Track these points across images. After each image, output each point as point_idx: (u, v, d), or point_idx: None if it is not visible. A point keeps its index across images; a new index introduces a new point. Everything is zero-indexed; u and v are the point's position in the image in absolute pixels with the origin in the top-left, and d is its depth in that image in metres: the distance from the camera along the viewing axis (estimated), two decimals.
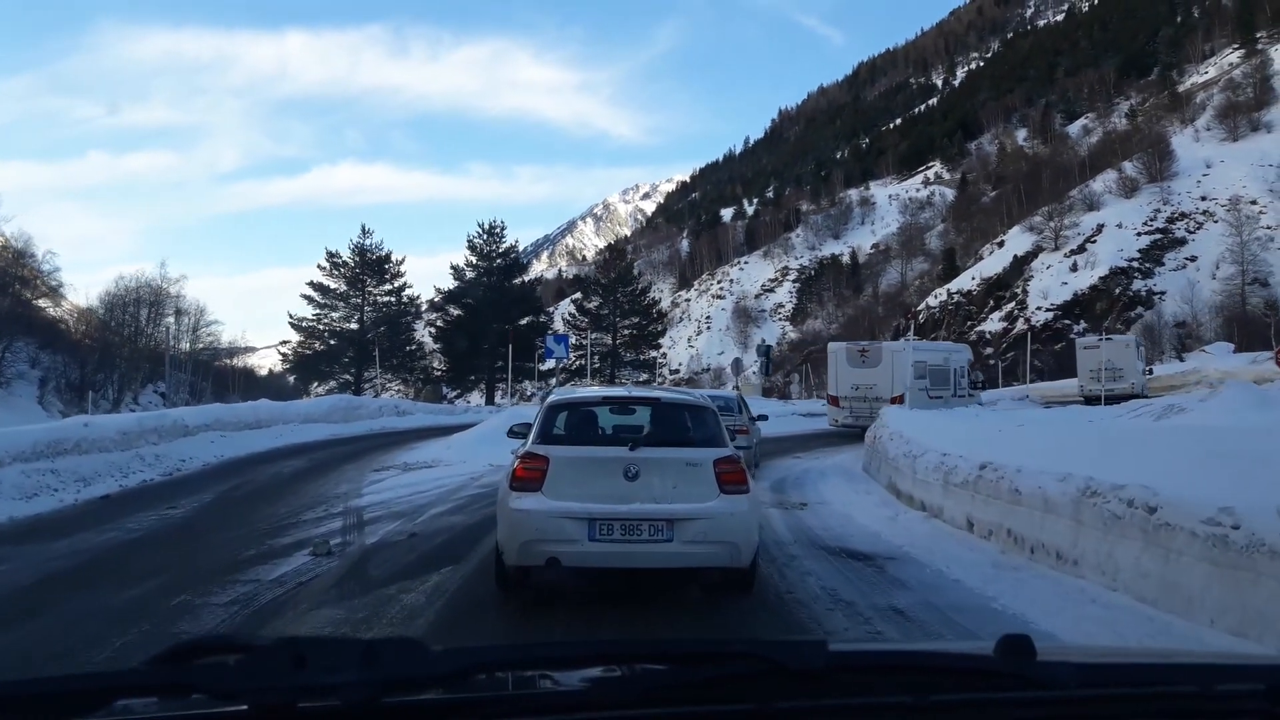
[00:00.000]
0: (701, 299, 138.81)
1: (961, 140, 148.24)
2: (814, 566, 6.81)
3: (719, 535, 5.27)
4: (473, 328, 39.90)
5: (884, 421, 12.41)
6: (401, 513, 9.25)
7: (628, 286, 45.48)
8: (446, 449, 14.46)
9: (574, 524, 5.20)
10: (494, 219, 43.93)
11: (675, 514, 5.21)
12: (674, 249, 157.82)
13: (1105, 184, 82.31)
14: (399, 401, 27.15)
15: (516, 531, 5.30)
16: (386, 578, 6.16)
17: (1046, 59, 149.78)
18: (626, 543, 5.18)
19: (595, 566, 5.37)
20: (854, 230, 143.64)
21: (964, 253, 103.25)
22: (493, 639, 4.75)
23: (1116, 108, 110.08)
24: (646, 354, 45.83)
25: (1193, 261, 74.89)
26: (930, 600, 5.72)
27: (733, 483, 5.39)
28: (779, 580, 6.30)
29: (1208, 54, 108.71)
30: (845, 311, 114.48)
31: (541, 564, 5.27)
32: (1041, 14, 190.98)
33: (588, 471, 5.36)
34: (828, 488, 11.66)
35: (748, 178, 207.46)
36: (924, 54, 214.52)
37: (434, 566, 6.52)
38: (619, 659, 1.20)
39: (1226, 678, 1.24)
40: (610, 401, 6.56)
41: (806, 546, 7.67)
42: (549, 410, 5.98)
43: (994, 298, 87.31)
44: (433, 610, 5.38)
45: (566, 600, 5.62)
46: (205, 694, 1.00)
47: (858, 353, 22.48)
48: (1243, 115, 79.76)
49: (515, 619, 5.39)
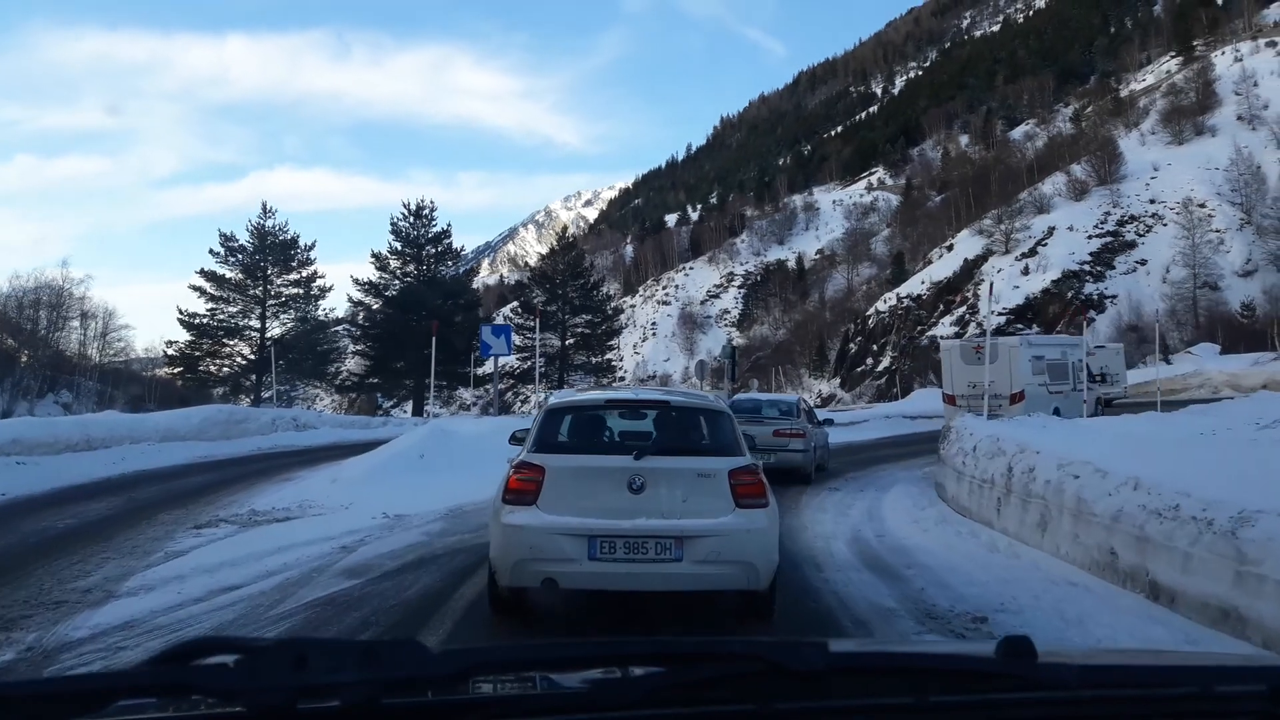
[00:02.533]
0: (647, 305, 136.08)
1: (904, 146, 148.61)
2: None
3: (734, 554, 4.74)
4: (397, 325, 34.13)
5: (966, 433, 8.82)
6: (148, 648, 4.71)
7: (578, 280, 40.44)
8: (330, 484, 10.32)
9: (572, 541, 4.73)
10: (422, 198, 38.33)
11: (685, 530, 4.70)
12: (618, 254, 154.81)
13: (1055, 186, 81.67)
14: (299, 413, 22.62)
15: (509, 550, 4.81)
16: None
17: (985, 67, 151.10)
18: (631, 562, 4.67)
19: (594, 588, 4.84)
20: (799, 236, 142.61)
21: (911, 257, 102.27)
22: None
23: (1058, 114, 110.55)
24: (600, 356, 40.40)
25: (1143, 265, 74.34)
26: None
27: (750, 495, 4.87)
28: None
29: (1144, 62, 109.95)
30: (793, 317, 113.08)
31: (537, 585, 4.80)
32: (977, 25, 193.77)
33: (588, 483, 4.89)
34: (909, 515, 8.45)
35: (691, 184, 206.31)
36: (863, 64, 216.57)
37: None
38: (619, 659, 1.18)
39: (1227, 679, 1.24)
40: (615, 405, 5.88)
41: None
42: (547, 415, 5.46)
43: (944, 302, 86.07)
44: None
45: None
46: (205, 694, 0.99)
47: (973, 350, 21.29)
48: (1187, 119, 79.79)
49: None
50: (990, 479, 7.03)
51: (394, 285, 37.25)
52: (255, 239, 36.21)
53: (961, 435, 8.94)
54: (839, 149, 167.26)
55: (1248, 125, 76.07)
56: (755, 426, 12.18)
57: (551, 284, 39.59)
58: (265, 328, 36.26)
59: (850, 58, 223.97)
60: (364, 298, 37.16)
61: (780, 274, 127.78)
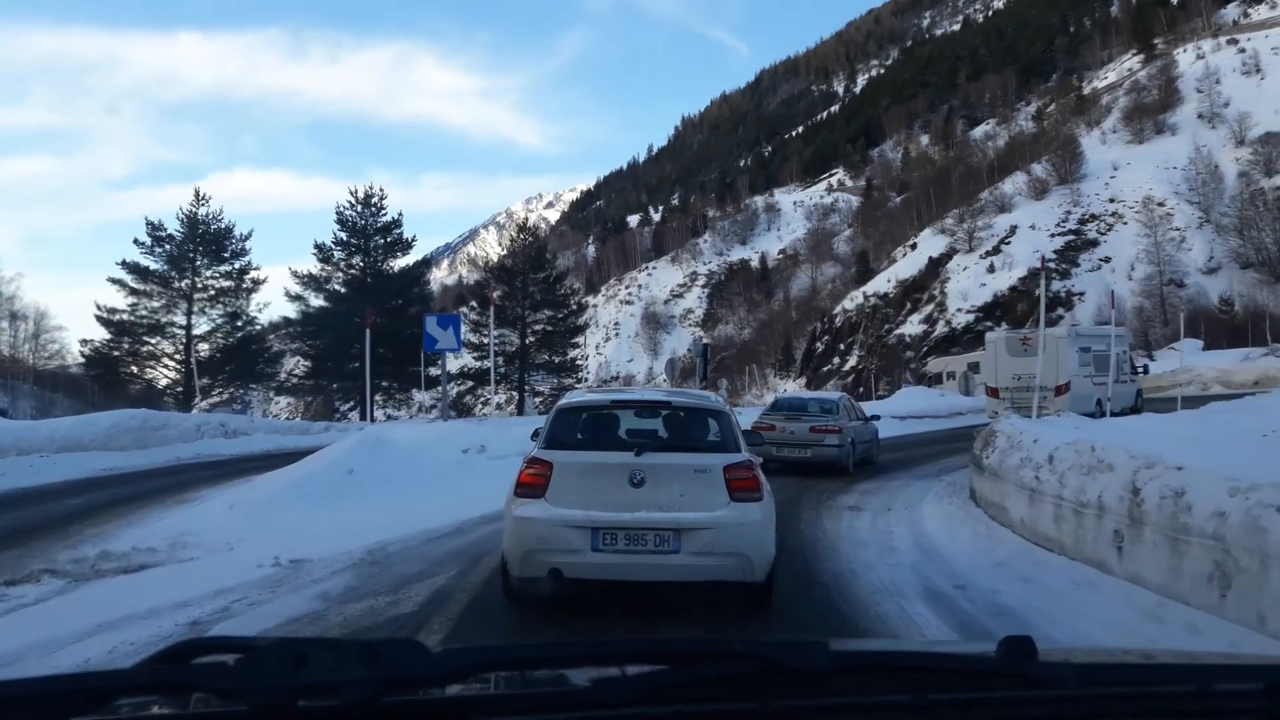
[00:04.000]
0: (609, 305, 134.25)
1: (864, 147, 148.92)
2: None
3: (729, 546, 4.92)
4: (341, 322, 31.19)
5: (1027, 439, 7.00)
6: None
7: (539, 273, 37.42)
8: (227, 510, 8.11)
9: (577, 533, 4.93)
10: (370, 185, 34.92)
11: (682, 523, 4.90)
12: (580, 255, 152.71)
13: (1015, 186, 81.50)
14: (229, 418, 20.19)
15: (519, 541, 5.04)
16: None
17: (946, 65, 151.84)
18: (631, 553, 4.88)
19: (597, 578, 4.99)
20: (761, 236, 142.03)
21: (874, 256, 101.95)
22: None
23: (1019, 112, 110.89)
24: (563, 354, 37.40)
25: (1107, 262, 74.32)
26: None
27: (744, 490, 5.04)
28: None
29: (1105, 60, 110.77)
30: (757, 316, 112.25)
31: (544, 575, 4.95)
32: (938, 24, 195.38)
33: (592, 478, 5.09)
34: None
35: (652, 185, 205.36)
36: (825, 62, 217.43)
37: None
38: (619, 659, 1.17)
39: (1225, 677, 1.24)
40: (619, 405, 6.02)
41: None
42: (557, 413, 5.69)
43: (911, 300, 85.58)
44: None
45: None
46: (205, 694, 0.99)
47: (1019, 341, 21.25)
48: (1148, 118, 79.99)
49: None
50: (1094, 503, 5.24)
51: (338, 278, 34.44)
52: (185, 228, 32.75)
53: (1018, 441, 7.15)
54: (800, 150, 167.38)
55: (1208, 124, 76.43)
56: (794, 423, 13.05)
57: (510, 277, 36.75)
58: (191, 324, 32.92)
59: (812, 56, 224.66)
60: (303, 292, 34.13)
61: (744, 274, 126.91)
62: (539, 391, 40.36)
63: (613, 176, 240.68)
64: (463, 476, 10.16)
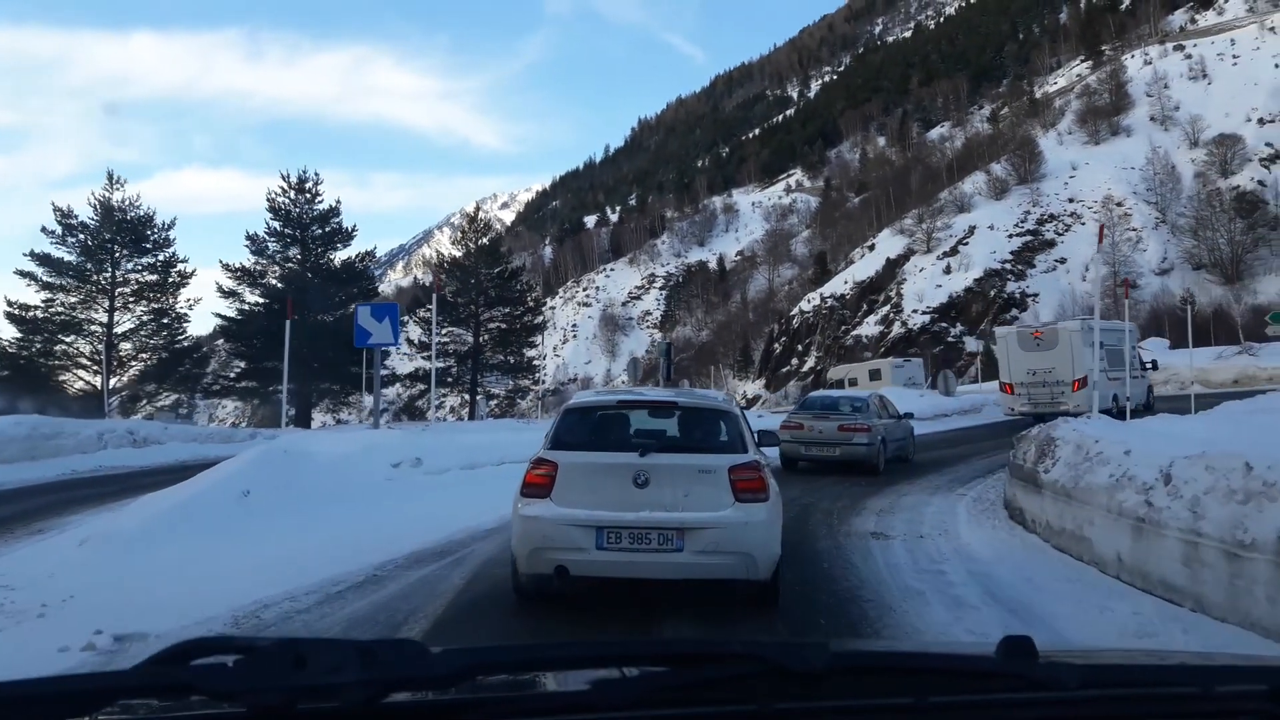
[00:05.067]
0: (567, 307, 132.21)
1: (822, 148, 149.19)
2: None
3: (732, 545, 4.93)
4: (276, 318, 28.66)
5: (1117, 448, 5.38)
6: None
7: (494, 268, 34.65)
8: (74, 549, 6.03)
9: (581, 532, 4.96)
10: (304, 169, 32.17)
11: (685, 523, 4.93)
12: (537, 256, 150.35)
13: (975, 185, 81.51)
14: (138, 425, 17.99)
15: (526, 539, 5.14)
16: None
17: (899, 71, 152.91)
18: (635, 552, 4.93)
19: (602, 576, 5.09)
20: (719, 237, 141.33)
21: (832, 257, 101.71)
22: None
23: (973, 115, 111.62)
24: (520, 354, 34.64)
25: (1063, 264, 74.56)
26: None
27: (749, 490, 5.04)
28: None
29: (1055, 66, 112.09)
30: (715, 318, 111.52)
31: (550, 572, 5.07)
32: (890, 31, 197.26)
33: (596, 478, 5.11)
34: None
35: (609, 186, 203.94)
36: (779, 68, 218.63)
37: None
38: (619, 660, 1.18)
39: (1227, 679, 1.24)
40: (625, 405, 5.93)
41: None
42: (563, 414, 5.75)
43: (868, 301, 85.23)
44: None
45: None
46: (205, 694, 0.99)
47: (1031, 336, 20.86)
48: (1102, 119, 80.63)
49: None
50: (1270, 546, 3.69)
51: (274, 272, 31.58)
52: (99, 216, 29.50)
53: (1097, 452, 5.60)
54: (757, 151, 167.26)
55: (1160, 126, 77.24)
56: (822, 422, 13.04)
57: (463, 272, 34.18)
58: (113, 322, 29.79)
59: (766, 62, 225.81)
60: (237, 287, 31.04)
61: (702, 275, 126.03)
62: (494, 394, 38.27)
63: (569, 177, 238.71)
64: (391, 497, 8.36)
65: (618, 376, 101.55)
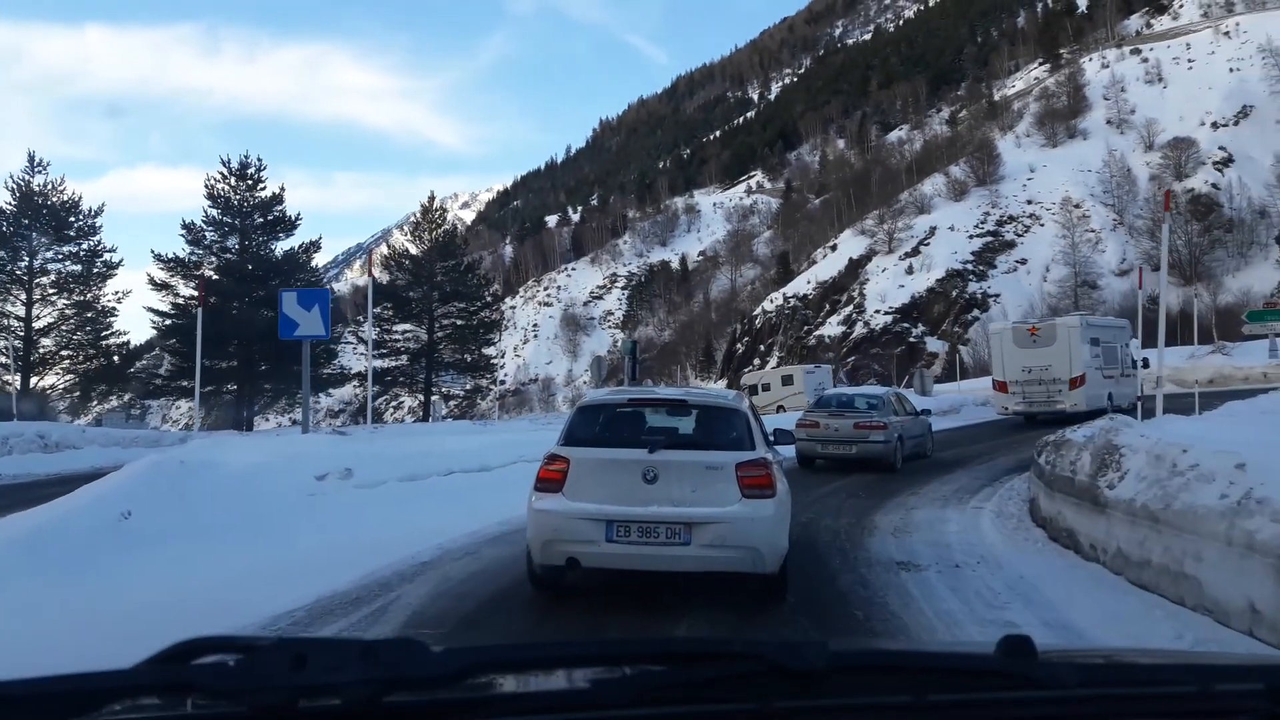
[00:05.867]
0: (528, 306, 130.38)
1: (782, 150, 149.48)
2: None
3: (738, 540, 5.07)
4: (216, 315, 26.42)
5: (1187, 454, 4.20)
6: None
7: (449, 260, 32.63)
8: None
9: (592, 525, 5.13)
10: (246, 153, 31.56)
11: (693, 517, 5.06)
12: (497, 255, 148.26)
13: (935, 187, 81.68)
14: (50, 428, 16.25)
15: (539, 531, 5.30)
16: None
17: (859, 73, 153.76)
18: (643, 545, 5.08)
19: (612, 568, 5.26)
20: (681, 237, 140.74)
21: (794, 258, 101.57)
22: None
23: (931, 118, 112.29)
24: (477, 352, 32.54)
25: (1023, 264, 74.90)
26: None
27: (755, 487, 5.17)
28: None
29: (1013, 69, 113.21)
30: (678, 318, 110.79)
31: (562, 564, 5.24)
32: (849, 34, 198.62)
33: (607, 473, 5.28)
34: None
35: (571, 186, 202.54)
36: (740, 69, 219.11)
37: None
38: (619, 659, 1.19)
39: (1225, 678, 1.25)
40: (636, 403, 6.14)
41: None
42: (577, 412, 5.97)
43: (830, 301, 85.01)
44: None
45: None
46: (205, 694, 0.99)
47: (1027, 332, 20.12)
48: (1060, 122, 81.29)
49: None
50: None
51: (211, 263, 29.37)
52: (17, 201, 27.09)
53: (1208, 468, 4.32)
54: (718, 152, 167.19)
55: (1117, 129, 78.04)
56: (838, 420, 13.00)
57: (416, 264, 32.09)
58: (31, 316, 27.49)
59: (727, 63, 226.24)
60: (170, 279, 28.68)
61: (664, 275, 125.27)
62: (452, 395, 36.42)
63: (530, 177, 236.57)
64: (310, 519, 6.95)
65: (580, 376, 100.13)
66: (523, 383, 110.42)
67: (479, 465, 9.24)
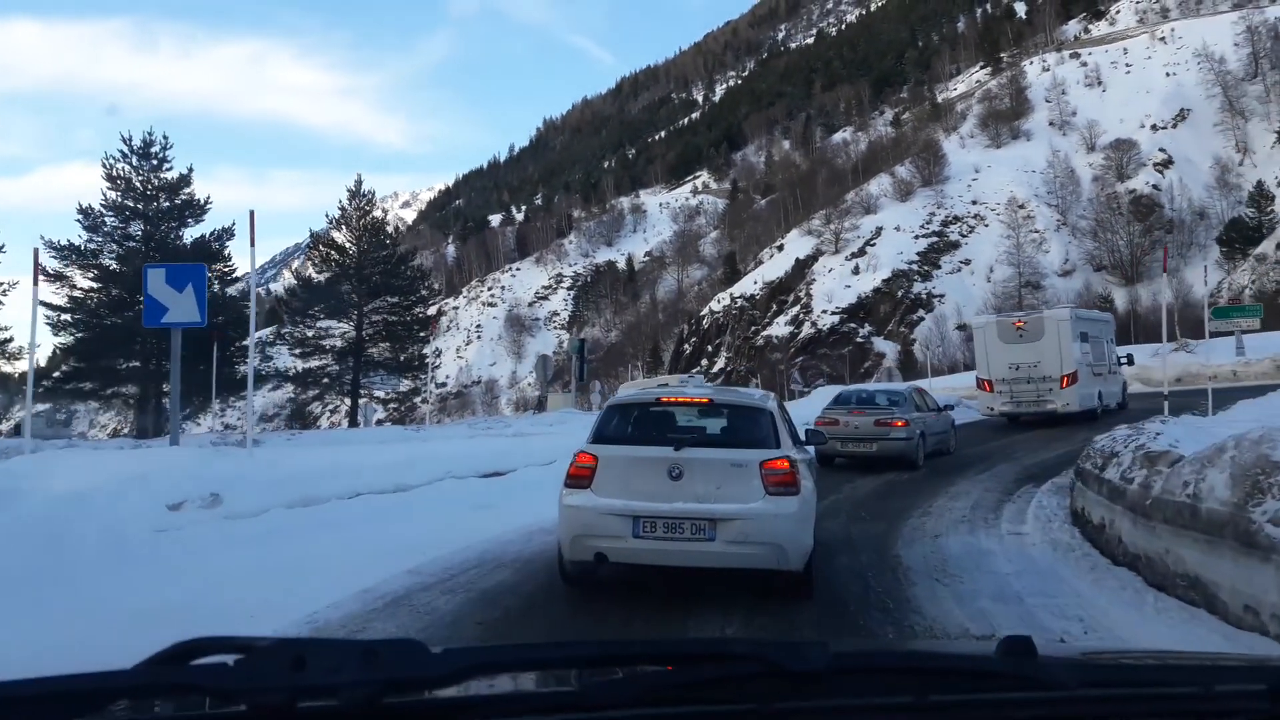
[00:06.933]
0: (471, 307, 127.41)
1: (727, 151, 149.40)
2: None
3: (762, 536, 5.14)
4: (112, 308, 24.00)
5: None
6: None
7: (380, 251, 29.86)
8: None
9: (619, 521, 5.23)
10: (149, 130, 27.23)
11: (717, 514, 5.15)
12: (439, 254, 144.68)
13: (880, 187, 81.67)
14: None
15: (568, 527, 5.41)
16: None
17: (802, 76, 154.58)
18: (669, 540, 5.18)
19: (639, 563, 5.34)
20: (627, 237, 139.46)
21: (741, 258, 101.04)
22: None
23: (875, 120, 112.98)
24: (410, 350, 29.85)
25: (968, 265, 75.21)
26: None
27: (780, 484, 5.25)
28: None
29: (954, 72, 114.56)
30: (625, 318, 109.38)
31: (590, 559, 5.33)
32: (792, 37, 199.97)
33: (633, 470, 5.38)
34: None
35: (515, 185, 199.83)
36: (684, 71, 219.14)
37: None
38: (620, 660, 1.19)
39: (1227, 678, 1.25)
40: (664, 402, 6.12)
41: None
42: (605, 410, 6.15)
43: (778, 301, 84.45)
44: None
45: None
46: (205, 694, 1.00)
47: (1012, 326, 18.73)
48: (1004, 123, 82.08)
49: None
50: None
51: (111, 251, 26.25)
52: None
53: None
54: (663, 153, 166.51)
55: (1059, 131, 79.01)
56: (858, 417, 12.82)
57: (342, 254, 29.39)
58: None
59: (672, 65, 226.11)
60: (65, 269, 25.31)
61: (610, 275, 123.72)
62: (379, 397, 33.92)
63: (473, 175, 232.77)
64: (150, 565, 5.05)
65: (525, 378, 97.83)
66: (465, 385, 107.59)
67: (394, 484, 7.41)
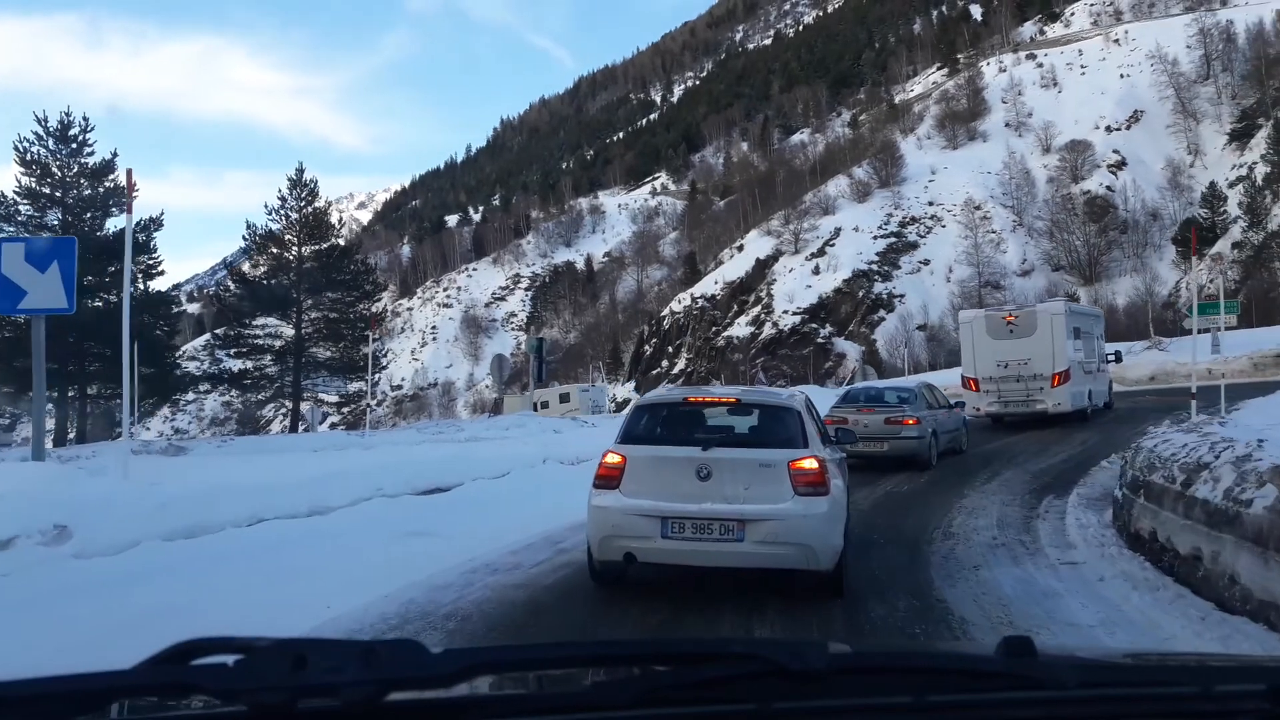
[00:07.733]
0: (426, 308, 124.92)
1: (686, 152, 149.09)
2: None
3: (792, 537, 5.17)
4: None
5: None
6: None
7: (322, 243, 28.05)
8: None
9: (648, 521, 5.26)
10: (66, 111, 24.95)
11: (746, 514, 5.18)
12: (394, 255, 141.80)
13: (839, 188, 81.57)
14: None
15: (597, 528, 5.45)
16: None
17: (760, 77, 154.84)
18: (698, 541, 5.21)
19: (668, 563, 5.40)
20: (586, 238, 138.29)
21: (701, 258, 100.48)
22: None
23: (832, 121, 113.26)
24: (354, 349, 27.55)
25: (927, 265, 75.34)
26: None
27: (809, 484, 5.27)
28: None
29: (911, 74, 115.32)
30: (584, 319, 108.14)
31: (619, 559, 5.37)
32: (750, 38, 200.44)
33: (662, 471, 5.41)
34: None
35: (472, 186, 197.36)
36: (642, 72, 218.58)
37: None
38: (620, 659, 1.20)
39: (1226, 678, 1.26)
40: (692, 402, 6.30)
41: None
42: (634, 411, 6.16)
43: (739, 302, 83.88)
44: None
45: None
46: (205, 694, 1.00)
47: (1002, 320, 17.91)
48: (960, 124, 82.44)
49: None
50: None
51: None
52: None
53: None
54: (622, 153, 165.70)
55: (1016, 132, 79.59)
56: (869, 416, 12.57)
57: (281, 248, 27.47)
58: None
59: (630, 65, 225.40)
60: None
61: (569, 276, 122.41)
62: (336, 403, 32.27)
63: (429, 176, 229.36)
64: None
65: (481, 380, 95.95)
66: (421, 387, 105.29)
67: (310, 506, 6.09)
